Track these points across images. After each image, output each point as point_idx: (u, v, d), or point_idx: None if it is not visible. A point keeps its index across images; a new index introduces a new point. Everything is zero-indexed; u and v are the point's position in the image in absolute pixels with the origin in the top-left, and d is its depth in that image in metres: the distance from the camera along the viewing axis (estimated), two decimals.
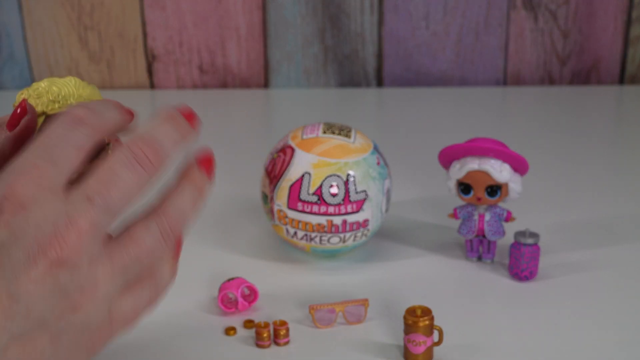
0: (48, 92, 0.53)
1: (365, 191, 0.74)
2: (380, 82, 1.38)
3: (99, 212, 0.42)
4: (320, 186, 0.73)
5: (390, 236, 0.84)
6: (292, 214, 0.75)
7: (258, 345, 0.66)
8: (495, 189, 0.74)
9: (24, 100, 0.52)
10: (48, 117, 0.52)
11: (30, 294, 0.40)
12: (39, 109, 0.52)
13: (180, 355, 0.65)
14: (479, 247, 0.79)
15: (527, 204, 0.86)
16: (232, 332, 0.67)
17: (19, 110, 0.50)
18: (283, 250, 0.81)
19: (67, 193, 0.42)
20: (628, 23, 1.34)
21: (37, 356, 0.41)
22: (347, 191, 0.74)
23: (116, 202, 0.43)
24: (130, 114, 0.50)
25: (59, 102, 0.52)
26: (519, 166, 0.74)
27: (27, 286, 0.40)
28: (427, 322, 0.62)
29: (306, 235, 0.75)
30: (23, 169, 0.42)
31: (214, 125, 1.22)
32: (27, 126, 0.50)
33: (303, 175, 0.74)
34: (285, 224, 0.76)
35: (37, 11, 1.34)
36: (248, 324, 0.68)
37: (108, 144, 0.53)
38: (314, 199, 0.73)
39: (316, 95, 1.36)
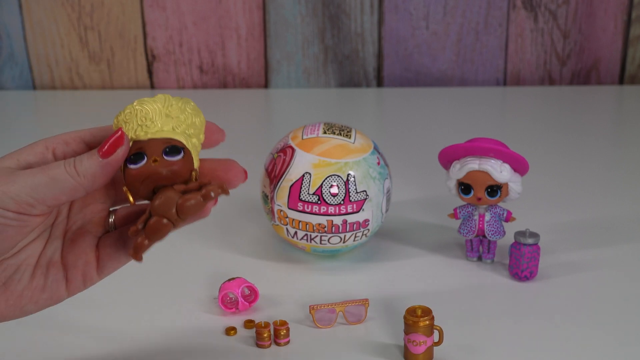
0: (136, 115, 0.52)
1: (365, 191, 0.74)
2: (380, 82, 1.38)
3: None
4: (321, 186, 0.73)
5: (390, 236, 0.84)
6: (292, 214, 0.75)
7: (258, 345, 0.66)
8: (495, 189, 0.74)
9: (121, 130, 0.51)
10: (135, 143, 0.52)
11: None
12: (128, 134, 0.52)
13: (180, 355, 0.65)
14: (479, 247, 0.79)
15: (527, 204, 0.86)
16: (232, 332, 0.67)
17: (114, 139, 0.50)
18: (283, 250, 0.81)
19: None
20: (628, 23, 1.34)
21: None
22: (347, 191, 0.74)
23: None
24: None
25: (145, 125, 0.52)
26: (519, 166, 0.74)
27: None
28: (427, 322, 0.62)
29: (306, 235, 0.75)
30: None
31: None
32: (120, 157, 0.50)
33: (303, 175, 0.74)
34: (286, 224, 0.76)
35: (37, 11, 1.34)
36: (248, 324, 0.68)
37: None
38: (314, 199, 0.73)
39: (316, 95, 1.36)
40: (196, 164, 0.53)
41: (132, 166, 0.51)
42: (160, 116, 0.52)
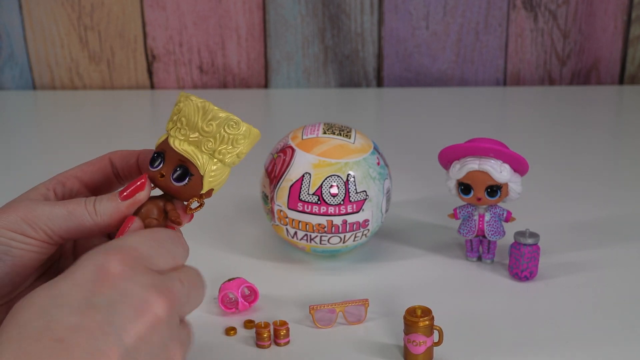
0: (179, 112, 0.54)
1: (365, 191, 0.74)
2: (380, 82, 1.38)
3: (184, 292, 0.48)
4: (321, 186, 0.73)
5: (390, 236, 0.84)
6: (292, 214, 0.75)
7: (258, 346, 0.66)
8: (495, 189, 0.74)
9: (145, 177, 0.53)
10: (165, 142, 0.54)
11: (139, 349, 0.44)
12: (168, 126, 0.54)
13: None
14: (479, 247, 0.79)
15: (527, 204, 0.86)
16: (232, 332, 0.67)
17: (136, 186, 0.53)
18: (283, 250, 0.81)
19: (161, 273, 0.48)
20: (628, 23, 1.34)
21: None
22: (347, 191, 0.74)
23: (193, 295, 0.50)
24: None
25: (178, 129, 0.54)
26: (519, 166, 0.74)
27: (137, 341, 0.44)
28: (427, 322, 0.62)
29: (306, 235, 0.75)
30: (127, 248, 0.47)
31: None
32: (139, 201, 0.53)
33: (303, 176, 0.74)
34: (286, 224, 0.76)
35: (37, 11, 1.34)
36: (248, 324, 0.68)
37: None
38: (314, 199, 0.73)
39: (316, 95, 1.36)
40: (210, 185, 0.54)
41: (150, 168, 0.54)
42: (194, 127, 0.54)
